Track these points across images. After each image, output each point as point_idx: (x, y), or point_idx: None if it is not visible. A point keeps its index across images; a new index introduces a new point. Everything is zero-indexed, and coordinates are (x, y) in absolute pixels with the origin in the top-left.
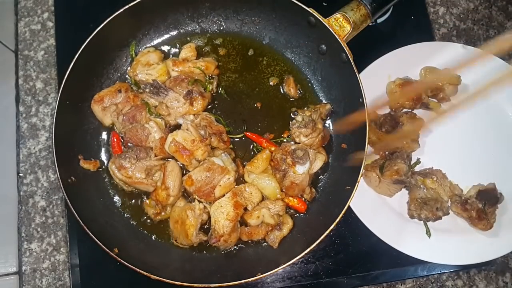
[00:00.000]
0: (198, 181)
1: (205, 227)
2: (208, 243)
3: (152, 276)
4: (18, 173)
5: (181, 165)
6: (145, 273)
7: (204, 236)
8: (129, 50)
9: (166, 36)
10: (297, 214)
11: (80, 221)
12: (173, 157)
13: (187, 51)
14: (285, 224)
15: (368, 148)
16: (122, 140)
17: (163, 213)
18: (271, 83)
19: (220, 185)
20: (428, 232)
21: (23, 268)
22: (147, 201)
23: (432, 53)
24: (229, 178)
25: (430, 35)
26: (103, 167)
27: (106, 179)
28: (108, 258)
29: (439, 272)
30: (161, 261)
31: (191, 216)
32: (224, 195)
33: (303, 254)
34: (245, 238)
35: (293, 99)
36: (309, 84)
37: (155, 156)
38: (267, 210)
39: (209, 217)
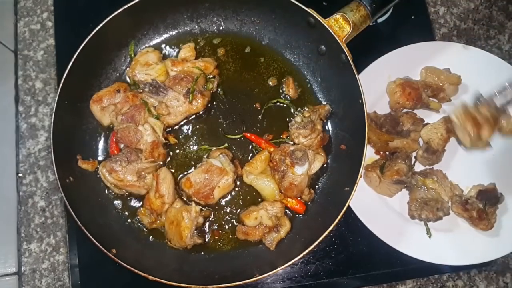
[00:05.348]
0: (197, 183)
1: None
2: (207, 244)
3: (150, 277)
4: (17, 173)
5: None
6: (143, 274)
7: (198, 239)
8: (128, 50)
9: (165, 36)
10: (295, 215)
11: (78, 221)
12: (163, 162)
13: (186, 51)
14: (283, 226)
15: (367, 148)
16: None
17: (158, 221)
18: (270, 83)
19: (219, 187)
20: (428, 233)
21: (23, 268)
22: (142, 210)
23: (433, 53)
24: (227, 179)
25: (430, 35)
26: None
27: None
28: (107, 259)
29: (440, 272)
30: (159, 262)
31: (187, 218)
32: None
33: (301, 255)
34: (241, 236)
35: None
36: (308, 85)
37: (145, 158)
38: (265, 211)
39: (205, 220)
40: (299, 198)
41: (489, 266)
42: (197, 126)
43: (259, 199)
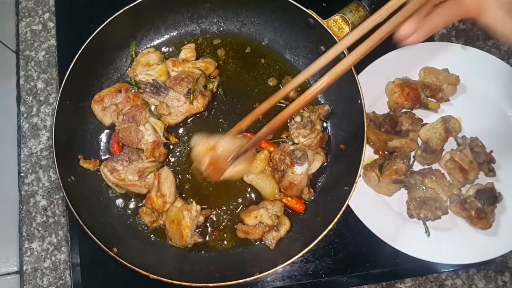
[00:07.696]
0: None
1: (199, 230)
2: (207, 243)
3: (151, 276)
4: (19, 172)
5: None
6: (144, 273)
7: (199, 238)
8: (129, 51)
9: (166, 37)
10: (295, 214)
11: (80, 220)
12: (163, 162)
13: (187, 51)
14: (283, 225)
15: (366, 148)
16: None
17: (159, 221)
18: (270, 83)
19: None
20: (427, 232)
21: (24, 267)
22: (143, 209)
23: (431, 54)
24: None
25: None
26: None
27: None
28: (108, 258)
29: (438, 271)
30: (159, 261)
31: (187, 217)
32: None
33: (301, 254)
34: (241, 235)
35: (292, 99)
36: (308, 85)
37: (146, 158)
38: (265, 210)
39: (206, 219)
40: (298, 197)
41: (487, 265)
42: (198, 126)
43: (259, 199)
